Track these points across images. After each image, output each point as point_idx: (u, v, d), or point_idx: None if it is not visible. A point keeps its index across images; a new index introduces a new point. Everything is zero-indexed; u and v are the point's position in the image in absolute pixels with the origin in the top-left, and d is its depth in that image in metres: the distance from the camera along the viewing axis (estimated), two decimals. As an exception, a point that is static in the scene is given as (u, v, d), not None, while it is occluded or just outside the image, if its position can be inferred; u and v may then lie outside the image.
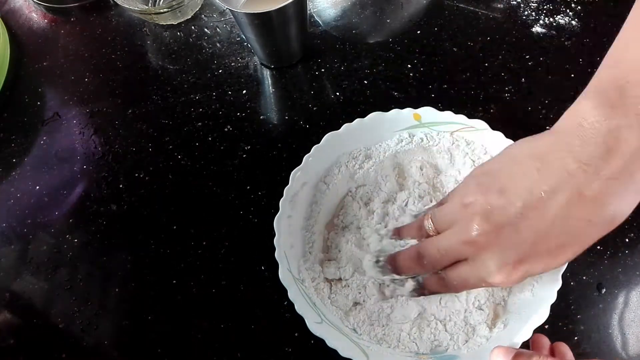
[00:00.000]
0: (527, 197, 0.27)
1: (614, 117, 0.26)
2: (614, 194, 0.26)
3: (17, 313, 0.43)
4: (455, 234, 0.31)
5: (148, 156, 0.48)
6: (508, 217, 0.28)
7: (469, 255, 0.30)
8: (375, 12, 0.54)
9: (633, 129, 0.25)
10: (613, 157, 0.26)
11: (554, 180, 0.27)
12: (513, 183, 0.28)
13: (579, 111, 0.27)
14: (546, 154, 0.28)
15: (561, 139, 0.27)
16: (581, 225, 0.27)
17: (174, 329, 0.40)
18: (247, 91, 0.50)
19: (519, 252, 0.28)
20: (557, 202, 0.27)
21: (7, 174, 0.49)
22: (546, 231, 0.27)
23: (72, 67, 0.54)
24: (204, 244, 0.43)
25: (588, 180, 0.26)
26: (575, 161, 0.26)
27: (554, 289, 0.32)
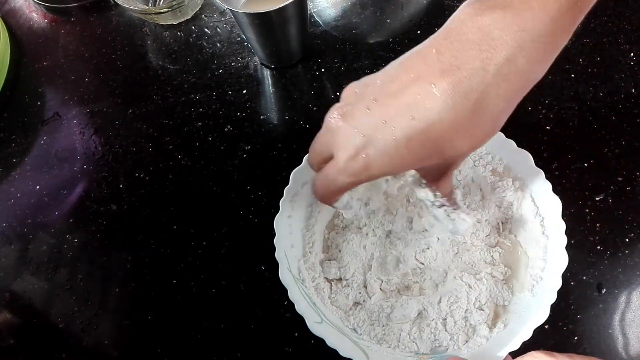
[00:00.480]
0: (383, 83, 0.27)
1: (480, 11, 0.25)
2: (468, 94, 0.24)
3: (17, 313, 0.43)
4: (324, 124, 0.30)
5: (148, 156, 0.48)
6: (362, 98, 0.28)
7: (329, 142, 0.29)
8: (375, 12, 0.54)
9: (496, 22, 0.24)
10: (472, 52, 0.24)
11: (413, 69, 0.26)
12: (380, 75, 0.28)
13: (454, 14, 0.27)
14: (415, 49, 0.27)
15: (432, 36, 0.27)
16: (428, 119, 0.25)
17: (174, 329, 0.40)
18: (247, 91, 0.50)
19: (366, 135, 0.26)
20: (409, 89, 0.26)
21: (7, 174, 0.49)
22: (393, 116, 0.26)
23: (72, 67, 0.54)
24: (204, 244, 0.43)
25: (442, 72, 0.25)
26: (436, 51, 0.25)
27: (554, 289, 0.32)
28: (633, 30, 0.49)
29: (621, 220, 0.41)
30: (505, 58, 0.24)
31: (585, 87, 0.46)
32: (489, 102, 0.25)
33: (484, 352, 0.32)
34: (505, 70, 0.24)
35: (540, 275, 0.35)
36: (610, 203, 0.42)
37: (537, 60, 0.24)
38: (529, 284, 0.35)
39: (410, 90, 0.26)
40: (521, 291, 0.35)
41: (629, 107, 0.45)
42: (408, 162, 0.27)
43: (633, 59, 0.48)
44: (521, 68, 0.24)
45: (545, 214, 0.36)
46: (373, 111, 0.27)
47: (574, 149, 0.44)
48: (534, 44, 0.24)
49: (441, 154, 0.26)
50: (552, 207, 0.35)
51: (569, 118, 0.45)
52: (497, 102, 0.25)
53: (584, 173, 0.43)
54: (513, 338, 0.32)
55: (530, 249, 0.36)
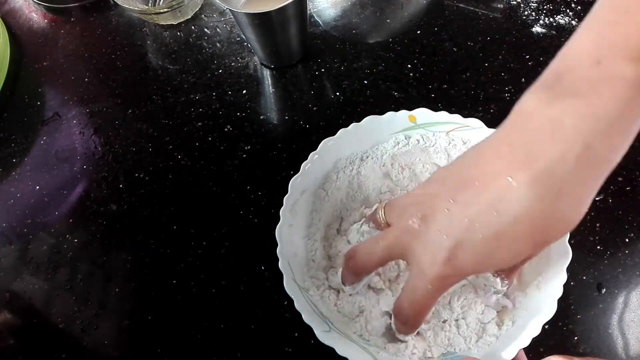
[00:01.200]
0: (460, 183, 0.27)
1: (548, 102, 0.25)
2: (551, 185, 0.24)
3: (17, 313, 0.43)
4: (396, 223, 0.29)
5: (148, 156, 0.48)
6: (440, 200, 0.27)
7: (406, 246, 0.28)
8: (375, 12, 0.54)
9: (567, 112, 0.24)
10: (547, 143, 0.24)
11: (487, 165, 0.26)
12: (452, 172, 0.28)
13: (518, 103, 0.26)
14: (485, 143, 0.27)
15: (500, 129, 0.27)
16: (512, 214, 0.25)
17: (174, 329, 0.40)
18: (247, 91, 0.50)
19: (451, 237, 0.26)
20: (487, 186, 0.25)
21: (7, 174, 0.49)
22: (476, 216, 0.25)
23: (72, 67, 0.54)
24: (204, 244, 0.43)
25: (518, 165, 0.25)
26: (508, 145, 0.25)
27: (560, 283, 0.32)
28: (633, 30, 0.49)
29: (621, 220, 0.41)
30: (583, 146, 0.24)
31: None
32: (573, 190, 0.24)
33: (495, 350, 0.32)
34: (585, 158, 0.24)
35: (545, 270, 0.34)
36: (610, 203, 0.42)
37: (615, 145, 0.24)
38: (533, 280, 0.35)
39: (489, 185, 0.25)
40: (527, 287, 0.35)
41: (629, 107, 0.45)
42: (500, 261, 0.26)
43: (633, 59, 0.48)
44: (600, 154, 0.24)
45: None
46: (454, 212, 0.27)
47: (574, 149, 0.44)
48: (609, 130, 0.24)
49: (534, 248, 0.26)
50: None
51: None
52: (581, 189, 0.24)
53: (584, 173, 0.43)
54: (523, 335, 0.31)
55: None
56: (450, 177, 0.28)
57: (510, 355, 0.31)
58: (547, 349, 0.37)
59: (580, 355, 0.37)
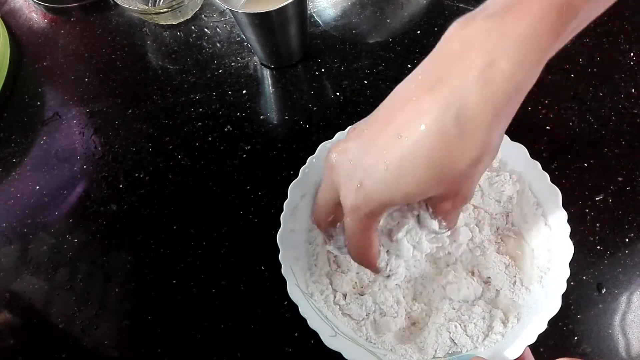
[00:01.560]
0: (377, 113, 0.27)
1: (465, 24, 0.24)
2: (454, 108, 0.23)
3: (17, 313, 0.43)
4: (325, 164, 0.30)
5: (148, 156, 0.48)
6: (355, 132, 0.27)
7: (335, 185, 0.28)
8: (375, 12, 0.54)
9: (478, 30, 0.24)
10: (455, 64, 0.24)
11: (400, 91, 0.26)
12: (379, 109, 0.28)
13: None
14: (409, 75, 0.27)
15: (423, 61, 0.27)
16: (415, 138, 0.24)
17: (174, 329, 0.40)
18: (247, 91, 0.50)
19: (360, 167, 0.26)
20: (395, 111, 0.26)
21: (7, 174, 0.49)
22: (383, 143, 0.25)
23: (72, 67, 0.54)
24: (204, 244, 0.43)
25: (426, 88, 0.24)
26: (422, 70, 0.25)
27: (563, 278, 0.32)
28: (633, 30, 0.49)
29: (621, 220, 0.41)
30: (486, 63, 0.23)
31: (585, 87, 0.46)
32: (475, 109, 0.23)
33: (502, 348, 0.32)
34: (488, 75, 0.23)
35: (547, 267, 0.34)
36: (610, 203, 0.42)
37: (522, 63, 0.23)
38: (537, 276, 0.34)
39: (398, 114, 0.25)
40: (530, 284, 0.35)
41: (628, 107, 0.45)
42: (406, 188, 0.25)
43: (633, 59, 0.48)
44: (505, 71, 0.23)
45: (545, 204, 0.36)
46: (364, 141, 0.26)
47: (574, 149, 0.44)
48: (516, 46, 0.23)
49: (440, 173, 0.25)
50: (551, 197, 0.35)
51: (569, 118, 0.45)
52: (484, 109, 0.23)
53: (584, 173, 0.43)
54: (529, 332, 0.31)
55: (534, 241, 0.36)
56: (374, 112, 0.28)
57: (518, 353, 0.31)
58: (547, 349, 0.37)
59: (581, 356, 0.37)
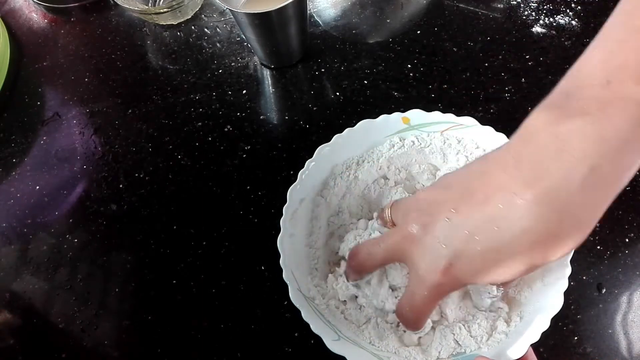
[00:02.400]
0: (463, 193, 0.27)
1: (557, 120, 0.24)
2: (554, 205, 0.24)
3: (17, 313, 0.43)
4: (398, 226, 0.30)
5: (148, 156, 0.48)
6: (442, 209, 0.27)
7: (405, 251, 0.29)
8: (375, 12, 0.54)
9: (575, 132, 0.24)
10: (554, 162, 0.24)
11: (492, 179, 0.26)
12: (457, 181, 0.28)
13: (527, 119, 0.26)
14: (492, 155, 0.27)
15: (508, 144, 0.27)
16: (513, 231, 0.25)
17: (174, 329, 0.40)
18: (247, 91, 0.50)
19: (450, 247, 0.26)
20: (491, 200, 0.25)
21: (7, 174, 0.49)
22: (476, 229, 0.26)
23: (72, 67, 0.54)
24: (204, 244, 0.43)
25: (524, 182, 0.24)
26: (515, 161, 0.25)
27: (565, 276, 0.32)
28: (633, 30, 0.49)
29: (621, 220, 0.41)
30: (590, 168, 0.23)
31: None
32: (577, 212, 0.24)
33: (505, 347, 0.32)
34: (591, 180, 0.23)
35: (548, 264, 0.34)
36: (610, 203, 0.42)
37: (623, 167, 0.24)
38: (538, 274, 0.34)
39: (492, 200, 0.25)
40: (532, 281, 0.35)
41: (629, 107, 0.45)
42: (497, 277, 0.26)
43: (633, 59, 0.48)
44: (607, 176, 0.24)
45: None
46: (454, 223, 0.27)
47: (574, 149, 0.44)
48: (616, 152, 0.23)
49: (530, 264, 0.26)
50: None
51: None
52: (585, 211, 0.24)
53: (584, 173, 0.43)
54: (532, 330, 0.31)
55: None
56: (455, 185, 0.28)
57: (522, 351, 0.31)
58: (547, 349, 0.37)
59: (581, 356, 0.37)
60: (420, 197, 0.30)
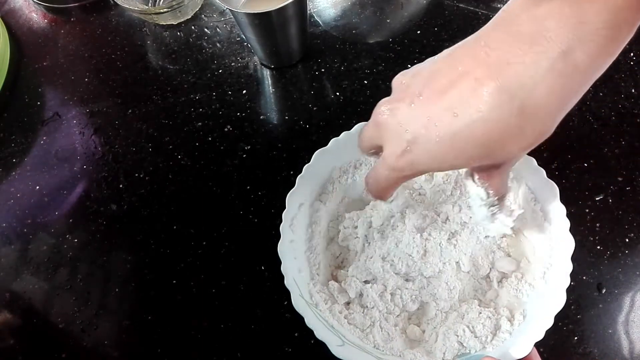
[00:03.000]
0: (429, 77, 0.26)
1: (535, 1, 0.23)
2: (516, 93, 0.23)
3: (17, 313, 0.43)
4: (372, 116, 0.29)
5: (148, 156, 0.48)
6: (408, 93, 0.27)
7: (378, 138, 0.28)
8: (375, 12, 0.54)
9: (552, 12, 0.22)
10: (524, 46, 0.23)
11: (459, 63, 0.25)
12: (427, 66, 0.27)
13: (507, 4, 0.25)
14: (466, 40, 0.26)
15: (484, 27, 0.26)
16: (471, 118, 0.24)
17: (174, 329, 0.40)
18: (247, 91, 0.50)
19: (410, 132, 0.26)
20: (454, 86, 0.25)
21: (7, 174, 0.49)
22: (436, 114, 0.25)
23: (72, 67, 0.54)
24: (204, 244, 0.43)
25: (489, 68, 0.23)
26: (485, 44, 0.24)
27: (566, 273, 0.32)
28: (633, 30, 0.49)
29: (621, 220, 0.41)
30: (561, 52, 0.22)
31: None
32: (541, 101, 0.23)
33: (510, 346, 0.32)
34: (560, 65, 0.22)
35: (549, 262, 0.34)
36: (610, 203, 0.42)
37: (597, 55, 0.22)
38: (539, 272, 0.34)
39: (456, 86, 0.25)
40: (533, 280, 0.35)
41: (629, 107, 0.45)
42: (453, 161, 0.26)
43: (633, 59, 0.48)
44: (579, 63, 0.22)
45: (543, 200, 0.36)
46: (417, 107, 0.26)
47: (574, 149, 0.44)
48: (593, 37, 0.21)
49: (489, 155, 0.25)
50: (549, 192, 0.35)
51: (569, 118, 0.45)
52: (550, 100, 0.23)
53: (584, 173, 0.43)
54: (535, 328, 0.31)
55: (534, 237, 0.36)
56: (424, 70, 0.27)
57: (527, 351, 0.31)
58: (547, 349, 0.37)
59: (581, 356, 0.37)
60: (399, 76, 0.29)
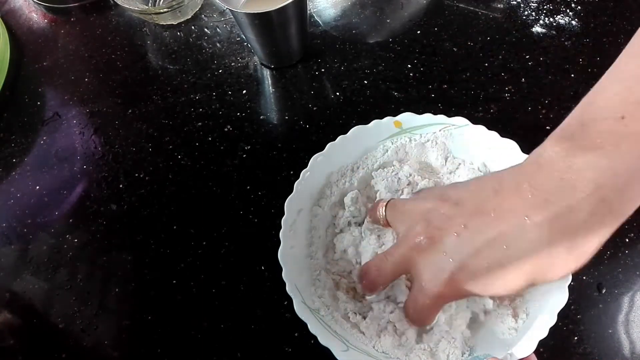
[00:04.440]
0: (475, 210, 0.28)
1: (571, 151, 0.26)
2: (563, 231, 0.26)
3: (17, 313, 0.43)
4: (403, 237, 0.31)
5: (148, 156, 0.48)
6: (452, 224, 0.28)
7: (412, 261, 0.30)
8: (375, 12, 0.54)
9: (589, 165, 0.25)
10: (567, 191, 0.25)
11: (505, 200, 0.27)
12: (469, 197, 0.29)
13: (541, 147, 0.28)
14: (505, 177, 0.28)
15: (522, 168, 0.28)
16: (521, 251, 0.26)
17: (174, 329, 0.40)
18: (247, 91, 0.50)
19: (456, 261, 0.28)
20: (503, 220, 0.27)
21: (7, 174, 0.49)
22: (485, 246, 0.27)
23: (72, 67, 0.54)
24: (204, 244, 0.43)
25: (536, 207, 0.26)
26: (530, 186, 0.26)
27: None
28: (633, 30, 0.49)
29: (621, 220, 0.41)
30: (600, 199, 0.25)
31: (585, 87, 0.46)
32: (583, 240, 0.26)
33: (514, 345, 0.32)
34: (599, 211, 0.25)
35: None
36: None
37: (630, 200, 0.25)
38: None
39: (504, 220, 0.27)
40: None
41: (629, 107, 0.45)
42: (499, 290, 0.28)
43: (633, 59, 0.48)
44: (615, 209, 0.25)
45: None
46: (464, 238, 0.28)
47: (574, 149, 0.44)
48: (626, 186, 0.25)
49: (530, 282, 0.27)
50: None
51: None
52: (591, 239, 0.26)
53: (584, 173, 0.43)
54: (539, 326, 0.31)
55: None
56: (466, 201, 0.29)
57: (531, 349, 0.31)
58: (547, 349, 0.37)
59: (581, 356, 0.37)
60: (426, 207, 0.31)
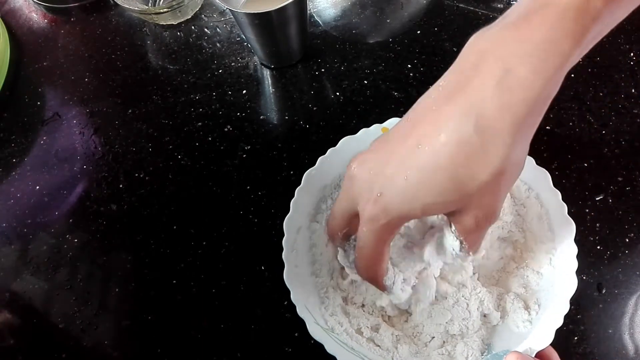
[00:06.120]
0: (394, 129, 0.28)
1: (481, 35, 0.25)
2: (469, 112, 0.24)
3: (17, 313, 0.43)
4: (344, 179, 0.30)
5: (148, 156, 0.48)
6: (376, 145, 0.28)
7: (352, 194, 0.29)
8: (375, 12, 0.54)
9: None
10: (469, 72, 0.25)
11: (418, 109, 0.27)
12: (393, 129, 0.28)
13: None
14: (427, 92, 0.28)
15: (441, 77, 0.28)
16: (434, 146, 0.24)
17: (174, 329, 0.40)
18: (247, 91, 0.50)
19: (380, 178, 0.26)
20: (418, 126, 0.26)
21: (7, 174, 0.49)
22: (404, 155, 0.26)
23: (72, 67, 0.54)
24: (204, 244, 0.43)
25: (443, 98, 0.25)
26: (443, 84, 0.26)
27: (573, 257, 0.32)
28: (633, 30, 0.49)
29: (621, 220, 0.41)
30: (503, 70, 0.23)
31: (585, 87, 0.46)
32: (494, 118, 0.23)
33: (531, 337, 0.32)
34: (505, 83, 0.23)
35: (553, 247, 0.34)
36: (610, 203, 0.42)
37: (541, 70, 0.23)
38: (545, 259, 0.34)
39: (419, 125, 0.26)
40: (540, 267, 0.35)
41: (629, 107, 0.45)
42: (424, 199, 0.25)
43: (633, 59, 0.48)
44: (523, 79, 0.23)
45: (536, 187, 0.36)
46: (385, 152, 0.27)
47: (574, 149, 0.44)
48: (533, 52, 0.23)
49: (459, 188, 0.25)
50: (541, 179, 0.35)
51: (569, 118, 0.45)
52: (503, 117, 0.23)
53: (584, 173, 0.43)
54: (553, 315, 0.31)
55: (534, 225, 0.36)
56: (399, 123, 0.28)
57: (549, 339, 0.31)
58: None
59: (582, 356, 0.37)
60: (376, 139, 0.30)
